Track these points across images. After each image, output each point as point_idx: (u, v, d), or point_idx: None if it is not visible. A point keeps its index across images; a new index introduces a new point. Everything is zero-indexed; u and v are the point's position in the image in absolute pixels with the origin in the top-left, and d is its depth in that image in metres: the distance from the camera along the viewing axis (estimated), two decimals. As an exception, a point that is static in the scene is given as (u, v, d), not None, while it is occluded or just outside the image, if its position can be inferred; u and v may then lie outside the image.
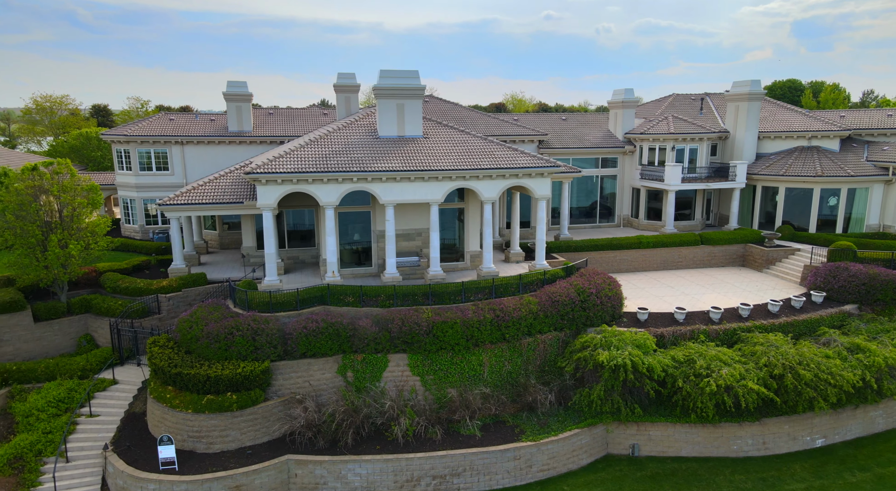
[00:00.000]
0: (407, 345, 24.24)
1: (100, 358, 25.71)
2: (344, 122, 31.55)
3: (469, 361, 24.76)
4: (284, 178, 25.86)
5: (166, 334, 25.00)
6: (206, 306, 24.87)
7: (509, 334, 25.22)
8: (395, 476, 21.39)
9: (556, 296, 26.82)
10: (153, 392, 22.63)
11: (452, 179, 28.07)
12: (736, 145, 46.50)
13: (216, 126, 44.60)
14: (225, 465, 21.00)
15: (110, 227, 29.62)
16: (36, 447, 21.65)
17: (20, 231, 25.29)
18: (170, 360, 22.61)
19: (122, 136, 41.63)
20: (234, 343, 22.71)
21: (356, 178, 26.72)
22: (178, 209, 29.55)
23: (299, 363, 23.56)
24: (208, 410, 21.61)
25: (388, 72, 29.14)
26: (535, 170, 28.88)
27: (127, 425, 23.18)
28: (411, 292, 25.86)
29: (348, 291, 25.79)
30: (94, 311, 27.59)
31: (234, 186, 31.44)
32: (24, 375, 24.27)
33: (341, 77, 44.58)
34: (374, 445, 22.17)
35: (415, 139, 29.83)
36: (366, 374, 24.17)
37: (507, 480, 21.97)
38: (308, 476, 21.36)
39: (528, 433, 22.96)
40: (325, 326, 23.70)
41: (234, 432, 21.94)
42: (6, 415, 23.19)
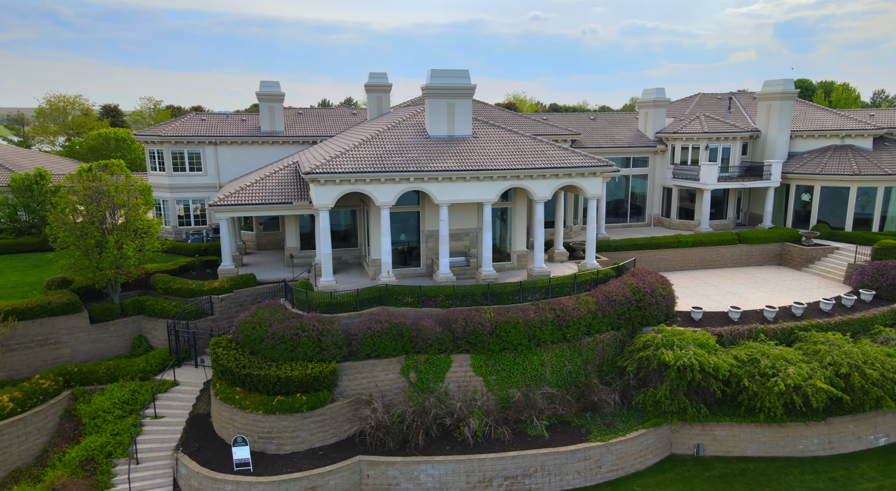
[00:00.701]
0: (470, 345, 24.32)
1: (158, 359, 25.77)
2: (392, 121, 31.60)
3: (531, 361, 24.85)
4: (343, 178, 25.93)
5: (226, 335, 25.05)
6: (266, 307, 24.93)
7: (570, 334, 25.31)
8: (467, 477, 21.47)
9: (613, 295, 26.92)
10: (219, 393, 22.69)
11: (507, 179, 28.16)
12: (768, 144, 46.61)
13: (248, 126, 44.65)
14: (298, 466, 21.07)
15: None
16: (106, 449, 21.70)
17: (79, 232, 25.36)
18: (236, 361, 22.67)
19: (156, 136, 41.67)
20: (300, 344, 22.77)
21: (413, 178, 26.80)
22: (229, 210, 29.61)
23: (364, 364, 23.63)
24: (279, 411, 21.69)
25: (439, 71, 29.22)
26: (588, 169, 28.98)
27: (192, 427, 23.24)
28: (470, 292, 25.94)
29: (406, 291, 25.87)
30: (146, 312, 27.63)
31: (280, 187, 31.49)
32: (85, 376, 24.31)
33: (373, 77, 44.64)
34: (443, 445, 22.24)
35: (465, 139, 29.91)
36: (429, 374, 24.24)
37: (577, 481, 22.07)
38: (380, 477, 21.44)
39: (594, 433, 23.06)
40: (390, 327, 23.78)
41: (304, 433, 22.01)
42: (71, 416, 23.23)
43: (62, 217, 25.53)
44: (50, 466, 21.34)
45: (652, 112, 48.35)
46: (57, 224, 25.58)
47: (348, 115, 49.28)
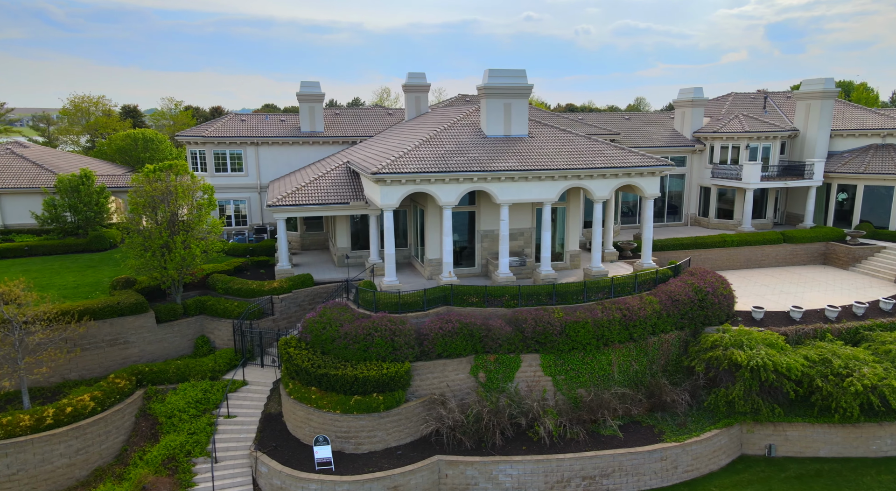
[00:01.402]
0: (539, 345, 24.40)
1: (225, 359, 25.96)
2: (446, 121, 31.69)
3: (598, 361, 24.91)
4: (408, 178, 26.06)
5: (294, 335, 25.20)
6: (333, 307, 25.07)
7: (637, 334, 25.36)
8: (545, 477, 21.55)
9: (676, 295, 26.95)
10: (293, 393, 22.84)
11: (567, 179, 28.23)
12: (807, 143, 46.45)
13: (288, 127, 44.87)
14: (377, 465, 21.21)
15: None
16: (185, 448, 21.89)
17: (148, 233, 25.59)
18: (311, 360, 22.82)
19: (199, 137, 41.93)
20: (373, 344, 22.91)
21: (476, 178, 26.90)
22: (287, 210, 29.80)
23: (435, 364, 23.75)
24: (356, 410, 21.82)
25: (496, 71, 29.31)
26: (647, 168, 29.03)
27: (266, 426, 23.40)
28: (535, 292, 26.02)
29: (471, 291, 25.97)
30: (208, 312, 27.82)
31: (335, 187, 31.66)
32: (156, 376, 24.51)
33: (411, 77, 44.86)
34: (518, 445, 22.33)
35: (521, 139, 29.99)
36: (498, 374, 24.33)
37: (654, 481, 22.11)
38: (459, 477, 21.55)
39: (667, 434, 23.09)
40: (461, 327, 23.89)
41: (381, 433, 22.14)
42: (147, 415, 23.44)
43: (135, 218, 25.78)
44: (131, 465, 21.54)
45: (689, 111, 48.29)
46: (129, 225, 25.83)
47: (384, 115, 49.44)
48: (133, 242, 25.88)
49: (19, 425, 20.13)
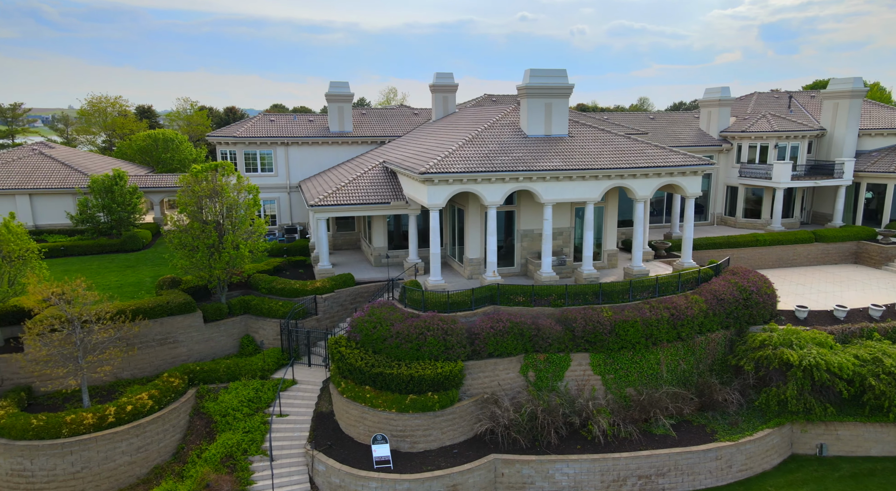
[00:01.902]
0: (589, 344, 24.48)
1: (273, 358, 26.10)
2: (484, 121, 31.74)
3: (647, 360, 24.97)
4: (455, 178, 26.16)
5: (342, 334, 25.33)
6: (381, 307, 25.18)
7: (684, 333, 25.40)
8: (601, 476, 21.63)
9: (720, 294, 26.98)
10: (346, 392, 22.96)
11: (611, 178, 28.28)
12: (834, 142, 46.36)
13: (316, 127, 45.05)
14: (435, 464, 21.32)
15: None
16: (242, 446, 22.04)
17: (197, 234, 25.76)
18: (364, 360, 22.94)
19: (230, 137, 42.13)
20: (425, 343, 23.00)
21: (522, 177, 26.99)
22: (329, 210, 29.93)
23: (486, 363, 23.85)
24: (412, 409, 21.93)
25: (537, 71, 29.38)
26: (689, 168, 29.06)
27: (318, 425, 23.53)
28: (581, 291, 26.09)
29: (518, 290, 26.05)
30: (252, 312, 27.96)
31: (374, 187, 31.78)
32: (207, 375, 24.67)
33: (439, 77, 44.98)
34: (572, 444, 22.41)
35: (561, 138, 30.05)
36: (548, 373, 24.41)
37: (709, 481, 22.16)
38: (515, 475, 21.64)
39: (720, 433, 23.13)
40: (511, 326, 23.98)
41: (436, 432, 22.25)
42: (200, 414, 23.59)
43: (183, 218, 25.96)
44: (189, 463, 21.70)
45: (716, 111, 48.25)
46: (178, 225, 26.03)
47: (409, 114, 49.57)
48: (182, 243, 26.04)
49: (83, 423, 20.32)
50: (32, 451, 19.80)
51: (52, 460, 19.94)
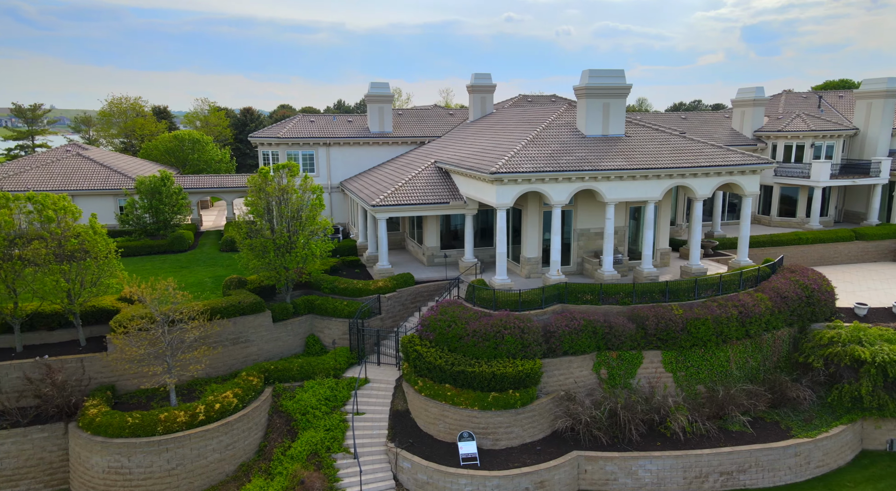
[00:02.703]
0: (661, 342, 24.67)
1: (344, 357, 26.26)
2: (541, 122, 31.87)
3: (717, 358, 25.16)
4: (524, 177, 26.35)
5: (414, 333, 25.51)
6: (452, 306, 25.37)
7: (753, 331, 25.61)
8: (684, 472, 21.82)
9: (783, 292, 27.19)
10: (424, 390, 23.14)
11: (673, 177, 28.50)
12: (868, 141, 46.55)
13: (355, 127, 45.22)
14: (520, 460, 21.50)
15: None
16: (325, 444, 22.22)
17: (269, 234, 25.94)
18: (444, 358, 23.12)
19: (273, 138, 42.31)
20: (503, 341, 23.19)
21: (587, 177, 27.20)
22: (390, 210, 30.10)
23: (561, 361, 24.04)
24: (494, 407, 22.12)
25: (596, 71, 29.57)
26: (749, 167, 29.28)
27: (396, 423, 23.71)
28: (648, 289, 26.29)
29: (586, 289, 26.24)
30: (317, 311, 28.12)
31: (430, 187, 31.94)
32: (281, 374, 24.82)
33: (477, 77, 45.18)
34: (652, 441, 22.58)
35: (619, 138, 30.25)
36: (620, 370, 24.61)
37: (788, 477, 22.36)
38: (598, 472, 21.83)
39: (794, 429, 23.33)
40: (585, 324, 24.19)
41: (517, 429, 22.44)
42: (279, 412, 23.75)
43: (255, 219, 26.17)
44: (275, 460, 21.87)
45: (750, 111, 48.48)
46: (250, 226, 26.24)
47: (445, 115, 49.75)
48: (253, 243, 26.22)
49: (176, 421, 20.48)
50: (130, 448, 19.98)
51: (149, 458, 20.11)
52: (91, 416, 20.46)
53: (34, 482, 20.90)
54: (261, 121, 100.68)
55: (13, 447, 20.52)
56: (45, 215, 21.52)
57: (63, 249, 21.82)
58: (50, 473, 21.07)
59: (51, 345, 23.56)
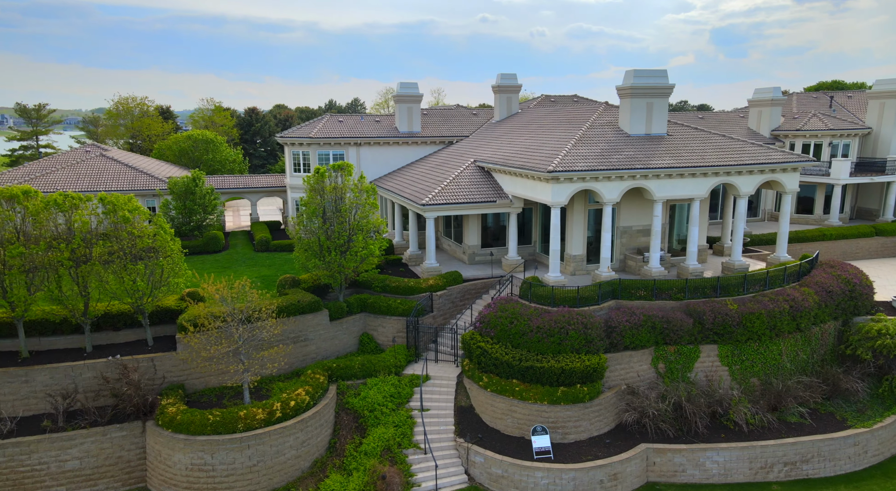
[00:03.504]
0: (717, 336, 25.07)
1: (402, 355, 26.36)
2: (584, 121, 32.11)
3: (770, 351, 25.61)
4: (579, 176, 26.64)
5: (473, 330, 25.67)
6: (509, 303, 25.58)
7: (803, 324, 26.11)
8: (749, 463, 22.21)
9: (828, 286, 27.73)
10: (490, 386, 23.33)
11: (719, 175, 28.93)
12: (881, 140, 47.43)
13: (383, 127, 45.24)
14: (591, 453, 21.75)
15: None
16: (395, 440, 22.33)
17: (326, 235, 25.98)
18: (509, 354, 23.31)
19: (305, 138, 42.21)
20: (567, 337, 23.44)
21: (639, 175, 27.54)
22: (437, 209, 30.23)
23: (622, 355, 24.36)
24: (563, 401, 22.37)
25: (640, 71, 29.91)
26: (790, 164, 29.80)
27: (461, 418, 23.85)
28: (700, 285, 26.66)
29: (639, 285, 26.57)
30: (369, 310, 28.17)
31: (474, 186, 32.08)
32: (343, 371, 24.85)
33: (503, 77, 45.44)
34: (717, 433, 22.94)
35: (661, 137, 30.62)
36: (678, 364, 24.97)
37: (848, 466, 22.82)
38: (667, 464, 22.16)
39: (850, 420, 23.83)
40: (645, 319, 24.52)
41: (586, 422, 22.70)
42: (346, 409, 23.77)
43: (314, 219, 26.20)
44: (348, 456, 21.92)
45: (768, 110, 49.18)
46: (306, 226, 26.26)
47: (468, 115, 49.88)
48: (311, 243, 26.23)
49: (255, 419, 20.47)
50: (213, 445, 19.94)
51: (232, 455, 20.08)
52: (171, 414, 20.39)
53: (113, 481, 20.78)
54: (265, 121, 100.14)
55: (93, 446, 20.40)
56: (121, 216, 21.38)
57: (136, 248, 21.72)
58: (128, 472, 20.96)
59: (117, 345, 23.42)
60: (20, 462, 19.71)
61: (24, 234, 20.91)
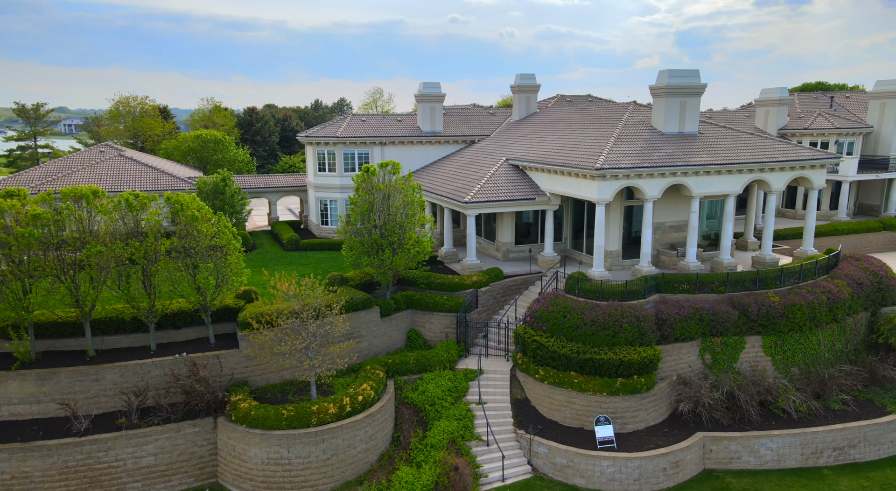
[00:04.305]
0: (762, 327, 25.64)
1: (454, 350, 26.52)
2: (616, 120, 32.49)
3: (810, 341, 26.27)
4: (624, 173, 27.04)
5: (524, 325, 25.92)
6: (558, 297, 25.88)
7: (839, 315, 26.82)
8: (801, 449, 22.77)
9: (858, 278, 28.48)
10: (548, 379, 23.61)
11: (753, 172, 29.55)
12: (881, 138, 48.65)
13: (406, 127, 45.27)
14: (651, 442, 22.12)
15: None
16: (458, 432, 22.50)
17: (379, 233, 26.02)
18: (566, 347, 23.61)
19: (331, 137, 42.07)
20: (621, 329, 23.80)
21: (679, 172, 28.03)
22: (479, 207, 30.43)
23: (672, 347, 24.81)
24: (622, 392, 22.73)
25: (674, 71, 30.40)
26: (819, 161, 30.55)
27: (518, 411, 24.08)
28: (740, 278, 27.20)
29: (682, 279, 27.03)
30: (416, 306, 28.24)
31: (511, 184, 32.32)
32: (398, 366, 24.94)
33: (522, 78, 45.73)
34: (767, 421, 23.50)
35: (693, 135, 31.16)
36: (724, 355, 25.49)
37: (890, 450, 23.48)
38: (723, 451, 22.63)
39: (888, 406, 24.53)
40: (693, 312, 25.00)
41: (643, 413, 23.09)
42: (405, 404, 23.86)
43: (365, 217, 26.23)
44: (413, 449, 22.00)
45: (774, 110, 50.13)
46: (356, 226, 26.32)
47: (486, 114, 50.09)
48: (364, 241, 26.28)
49: (328, 413, 20.50)
50: (289, 440, 19.90)
51: (307, 448, 20.07)
52: (244, 409, 20.32)
53: (185, 476, 20.63)
54: (265, 120, 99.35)
55: (167, 443, 20.23)
56: (190, 215, 21.22)
57: (204, 247, 21.58)
58: (200, 467, 20.82)
59: (178, 343, 23.22)
60: (97, 459, 19.49)
61: (92, 234, 20.66)
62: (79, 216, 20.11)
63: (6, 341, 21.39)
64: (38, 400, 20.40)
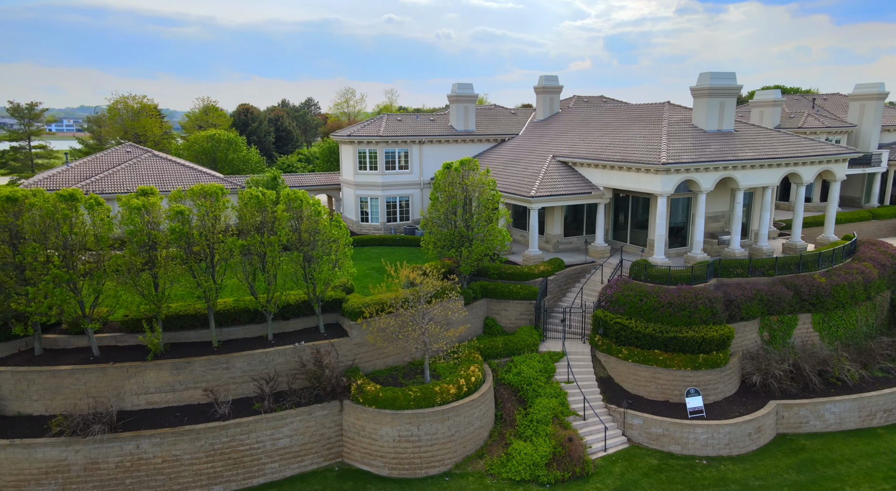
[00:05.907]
0: (811, 306, 27.42)
1: (536, 335, 27.36)
2: (658, 119, 33.84)
3: (850, 317, 28.24)
4: (685, 167, 28.39)
5: (602, 310, 26.97)
6: (628, 283, 27.04)
7: (872, 293, 28.91)
8: (858, 412, 24.56)
9: (881, 260, 30.70)
10: (632, 357, 24.75)
11: (789, 166, 31.39)
12: (862, 136, 51.95)
13: (440, 126, 45.74)
14: (734, 410, 23.50)
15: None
16: (558, 409, 23.39)
17: (469, 224, 26.61)
18: (648, 327, 24.79)
19: (373, 136, 42.20)
20: (696, 310, 25.11)
21: (731, 166, 29.58)
22: (542, 201, 31.32)
23: (738, 325, 26.29)
24: (704, 366, 24.04)
25: (715, 74, 31.93)
26: (842, 156, 32.66)
27: (605, 387, 25.12)
28: (785, 263, 28.96)
29: (737, 264, 28.62)
30: (491, 295, 28.92)
31: (564, 179, 33.30)
32: (490, 351, 25.56)
33: (546, 79, 46.81)
34: (826, 388, 25.23)
35: (730, 133, 32.82)
36: (780, 332, 27.16)
37: (931, 409, 25.65)
38: (793, 417, 24.21)
39: (923, 372, 26.71)
40: (755, 293, 26.56)
41: (721, 385, 24.46)
42: (502, 385, 24.57)
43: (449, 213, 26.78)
44: (519, 425, 22.69)
45: (769, 111, 52.33)
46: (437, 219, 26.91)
47: (508, 114, 50.95)
48: (446, 234, 26.84)
49: (449, 393, 21.07)
50: (419, 418, 20.39)
51: (435, 426, 20.59)
52: (372, 392, 20.69)
53: (316, 457, 20.83)
54: (260, 120, 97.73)
55: (300, 425, 20.41)
56: (314, 210, 21.36)
57: (321, 240, 21.79)
58: (328, 448, 21.06)
59: (289, 333, 23.28)
60: (241, 441, 19.55)
61: (217, 229, 20.62)
62: (212, 212, 20.04)
63: (134, 335, 21.19)
64: (173, 388, 20.28)
